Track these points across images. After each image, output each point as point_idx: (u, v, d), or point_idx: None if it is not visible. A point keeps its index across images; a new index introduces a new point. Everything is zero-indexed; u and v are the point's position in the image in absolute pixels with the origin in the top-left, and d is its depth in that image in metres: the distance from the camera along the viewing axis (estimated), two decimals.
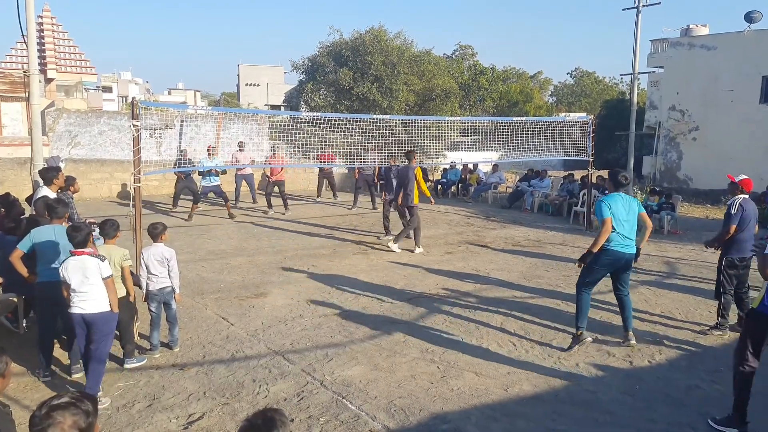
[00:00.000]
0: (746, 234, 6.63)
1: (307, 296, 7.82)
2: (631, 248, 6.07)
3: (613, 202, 6.01)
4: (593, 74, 50.12)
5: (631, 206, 6.09)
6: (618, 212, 5.97)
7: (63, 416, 2.03)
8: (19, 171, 14.71)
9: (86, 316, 4.78)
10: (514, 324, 6.90)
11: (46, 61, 24.52)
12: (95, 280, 4.75)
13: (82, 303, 4.77)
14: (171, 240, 7.30)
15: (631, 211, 6.07)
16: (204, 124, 18.85)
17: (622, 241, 5.98)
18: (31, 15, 7.03)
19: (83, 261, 4.75)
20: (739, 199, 6.63)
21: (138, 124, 6.76)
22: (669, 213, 13.83)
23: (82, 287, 4.74)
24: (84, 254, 4.78)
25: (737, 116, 21.72)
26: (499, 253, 10.84)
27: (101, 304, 4.81)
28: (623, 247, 6.01)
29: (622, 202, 6.05)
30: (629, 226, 6.03)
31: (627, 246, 6.03)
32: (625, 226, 5.99)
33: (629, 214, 6.04)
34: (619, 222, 5.96)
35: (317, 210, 15.53)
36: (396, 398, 4.97)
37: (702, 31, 24.09)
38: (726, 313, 6.74)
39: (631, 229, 6.03)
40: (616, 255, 6.01)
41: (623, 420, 4.71)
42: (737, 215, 6.54)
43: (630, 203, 6.12)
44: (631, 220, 6.06)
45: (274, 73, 55.21)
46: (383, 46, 21.29)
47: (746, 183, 6.71)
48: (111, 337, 5.02)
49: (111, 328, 4.97)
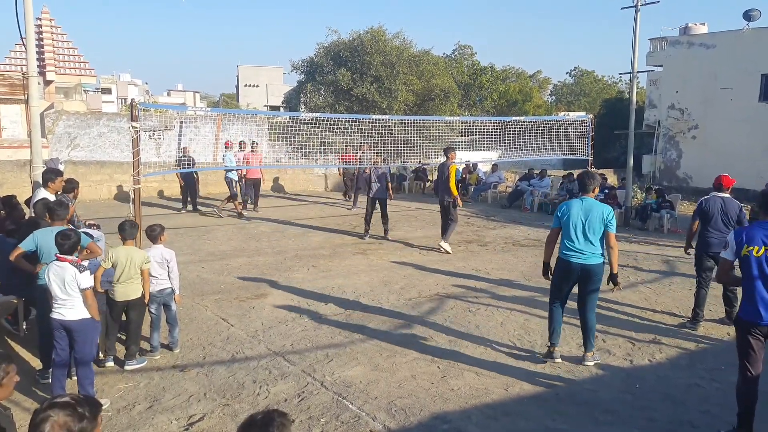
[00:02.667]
0: (711, 229, 6.82)
1: (307, 297, 7.82)
2: (587, 259, 5.48)
3: (567, 210, 5.59)
4: (592, 73, 50.13)
5: (592, 214, 5.48)
6: (571, 220, 5.52)
7: (57, 414, 2.05)
8: (18, 173, 14.69)
9: (65, 323, 4.70)
10: (515, 323, 6.91)
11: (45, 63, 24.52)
12: (72, 290, 4.65)
13: (62, 309, 4.69)
14: (171, 241, 7.31)
15: (591, 218, 5.46)
16: (203, 125, 18.86)
17: (572, 250, 5.51)
18: (30, 17, 7.02)
19: (63, 268, 4.65)
20: (707, 196, 6.98)
21: (137, 126, 6.77)
22: (668, 212, 13.85)
23: (61, 294, 4.66)
24: (66, 261, 4.67)
25: (736, 114, 21.72)
26: (499, 253, 10.84)
27: (81, 312, 4.71)
28: (574, 257, 5.51)
29: (580, 209, 5.53)
30: (583, 235, 5.47)
31: (579, 256, 5.49)
32: (578, 235, 5.48)
33: (589, 222, 5.46)
34: (571, 230, 5.51)
35: (317, 210, 15.52)
36: (396, 398, 4.97)
37: (701, 30, 24.09)
38: (698, 308, 6.89)
39: (586, 239, 5.47)
40: (564, 265, 5.59)
41: (624, 419, 4.71)
42: (696, 211, 7.01)
43: (592, 211, 5.50)
44: (593, 228, 5.46)
45: (273, 73, 55.27)
46: (382, 47, 21.31)
47: (721, 179, 6.98)
48: (94, 341, 4.99)
49: (93, 334, 4.90)
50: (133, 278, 5.52)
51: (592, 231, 5.48)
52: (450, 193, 10.54)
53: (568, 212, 5.57)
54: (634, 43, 14.29)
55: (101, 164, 16.85)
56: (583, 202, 5.59)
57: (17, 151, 15.97)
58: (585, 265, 5.50)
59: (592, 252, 5.50)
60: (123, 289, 5.51)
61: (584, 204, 5.57)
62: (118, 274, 5.46)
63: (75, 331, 4.72)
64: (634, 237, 12.80)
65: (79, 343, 4.75)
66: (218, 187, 18.13)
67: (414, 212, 15.18)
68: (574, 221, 5.52)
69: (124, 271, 5.46)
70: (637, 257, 10.70)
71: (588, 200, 5.60)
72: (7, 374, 2.70)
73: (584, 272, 5.51)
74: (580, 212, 5.53)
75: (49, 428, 2.01)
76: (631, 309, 7.54)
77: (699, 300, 6.93)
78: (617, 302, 7.76)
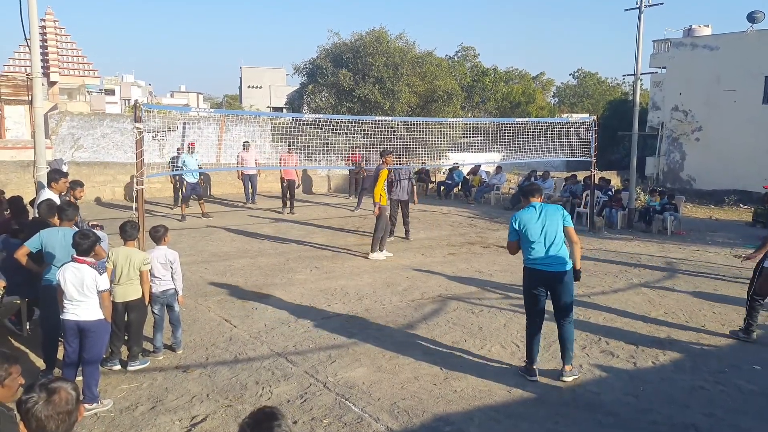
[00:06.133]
0: None
1: (310, 298, 7.82)
2: (554, 266, 5.31)
3: (522, 219, 5.41)
4: (596, 75, 49.95)
5: (549, 218, 5.35)
6: (529, 228, 5.35)
7: (57, 392, 2.24)
8: (22, 174, 14.75)
9: (81, 323, 4.73)
10: (518, 325, 6.89)
11: (49, 65, 24.63)
12: (90, 291, 4.69)
13: (77, 310, 4.72)
14: (174, 242, 7.31)
15: (550, 223, 5.33)
16: (206, 126, 18.89)
17: (533, 255, 5.35)
18: (34, 18, 7.04)
19: (81, 271, 4.69)
20: None
21: (141, 127, 6.78)
22: (672, 213, 13.81)
23: (78, 296, 4.70)
24: (85, 263, 4.73)
25: (740, 116, 21.68)
26: (502, 255, 10.82)
27: (96, 313, 4.76)
28: (541, 266, 5.32)
29: (535, 216, 5.38)
30: (547, 240, 5.31)
31: (546, 264, 5.31)
32: (540, 242, 5.32)
33: (548, 227, 5.33)
34: (531, 238, 5.34)
35: (320, 211, 15.53)
36: (399, 400, 4.96)
37: (704, 32, 24.05)
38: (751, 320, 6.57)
39: (553, 242, 5.31)
40: (533, 274, 5.40)
41: (627, 421, 4.70)
42: None
43: (547, 216, 5.37)
44: (552, 233, 5.32)
45: (276, 75, 55.32)
46: (385, 48, 21.31)
47: None
48: (105, 342, 5.02)
49: (105, 335, 4.94)
50: (132, 279, 5.53)
51: (555, 235, 5.33)
52: (375, 197, 10.28)
53: (527, 223, 5.36)
54: (638, 44, 14.28)
55: (105, 165, 16.88)
56: (537, 210, 5.41)
57: (21, 152, 16.02)
58: (554, 272, 5.31)
59: (559, 258, 5.33)
60: (122, 290, 5.52)
61: (540, 211, 5.40)
62: (118, 274, 5.48)
63: (89, 331, 4.75)
64: (638, 238, 12.78)
65: (91, 344, 4.78)
66: (223, 188, 18.19)
67: (416, 213, 15.16)
68: (536, 230, 5.34)
69: (123, 272, 5.48)
70: (641, 259, 10.67)
71: (543, 206, 5.45)
72: (9, 374, 2.69)
73: (555, 280, 5.32)
74: (541, 220, 5.36)
75: (51, 404, 2.19)
76: (634, 311, 7.52)
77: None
78: (620, 304, 7.75)
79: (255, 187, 16.31)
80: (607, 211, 14.47)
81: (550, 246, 5.31)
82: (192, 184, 13.72)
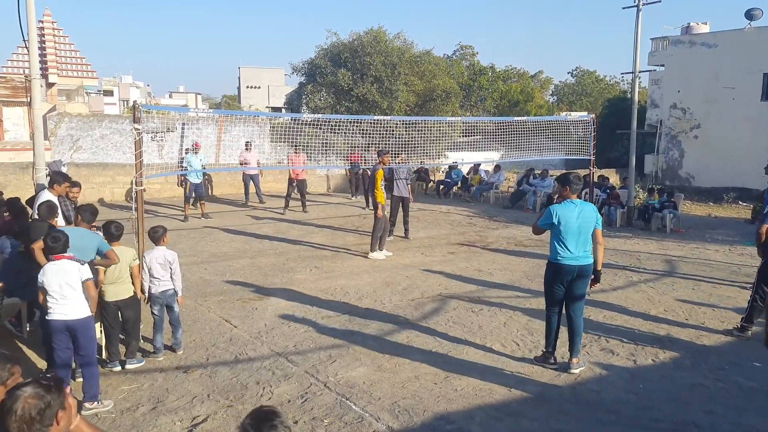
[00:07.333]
0: None
1: (310, 298, 7.82)
2: (581, 260, 5.47)
3: (561, 214, 5.46)
4: (594, 73, 50.05)
5: (586, 218, 5.48)
6: (567, 224, 5.43)
7: (23, 391, 2.23)
8: (21, 175, 14.74)
9: (69, 323, 4.70)
10: (518, 324, 6.90)
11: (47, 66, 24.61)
12: (76, 284, 4.67)
13: (64, 308, 4.68)
14: (173, 243, 7.31)
15: (586, 223, 5.47)
16: (205, 126, 18.89)
17: (565, 252, 5.45)
18: (32, 19, 7.04)
19: (63, 265, 4.69)
20: None
21: (140, 128, 6.76)
22: (671, 211, 13.82)
23: (62, 291, 4.66)
24: (63, 258, 4.72)
25: (739, 114, 21.71)
26: (502, 253, 10.83)
27: (84, 310, 4.74)
28: (568, 260, 5.45)
29: (575, 213, 5.45)
30: (582, 237, 5.46)
31: (575, 258, 5.45)
32: (573, 240, 5.43)
33: (583, 226, 5.45)
34: (567, 234, 5.42)
35: (319, 211, 15.54)
36: (400, 399, 4.97)
37: (703, 29, 24.10)
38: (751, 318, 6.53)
39: (584, 240, 5.47)
40: (561, 269, 5.50)
41: (627, 419, 4.71)
42: None
43: (585, 215, 5.49)
44: (586, 232, 5.47)
45: (274, 75, 55.25)
46: (383, 47, 21.32)
47: None
48: (94, 337, 5.03)
49: (92, 330, 4.95)
50: (123, 278, 5.55)
51: (587, 232, 5.51)
52: (375, 198, 10.40)
53: (566, 216, 5.44)
54: (636, 42, 14.29)
55: (104, 166, 16.88)
56: (575, 205, 5.51)
57: (20, 154, 16.01)
58: (580, 266, 5.50)
59: (585, 253, 5.53)
60: (114, 289, 5.53)
61: (578, 207, 5.51)
62: (109, 274, 5.49)
63: (78, 329, 4.71)
64: (637, 236, 12.79)
65: (83, 343, 4.75)
66: (221, 188, 18.18)
67: (416, 212, 15.16)
68: (573, 225, 5.44)
69: (114, 271, 5.49)
70: (640, 257, 10.69)
71: (580, 203, 5.58)
72: (11, 375, 2.69)
73: (579, 274, 5.51)
74: (578, 216, 5.46)
75: (21, 404, 2.17)
76: (634, 309, 7.52)
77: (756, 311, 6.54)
78: (620, 302, 7.76)
79: (258, 186, 16.33)
80: (606, 209, 14.48)
81: (582, 244, 5.49)
82: (195, 184, 13.80)
